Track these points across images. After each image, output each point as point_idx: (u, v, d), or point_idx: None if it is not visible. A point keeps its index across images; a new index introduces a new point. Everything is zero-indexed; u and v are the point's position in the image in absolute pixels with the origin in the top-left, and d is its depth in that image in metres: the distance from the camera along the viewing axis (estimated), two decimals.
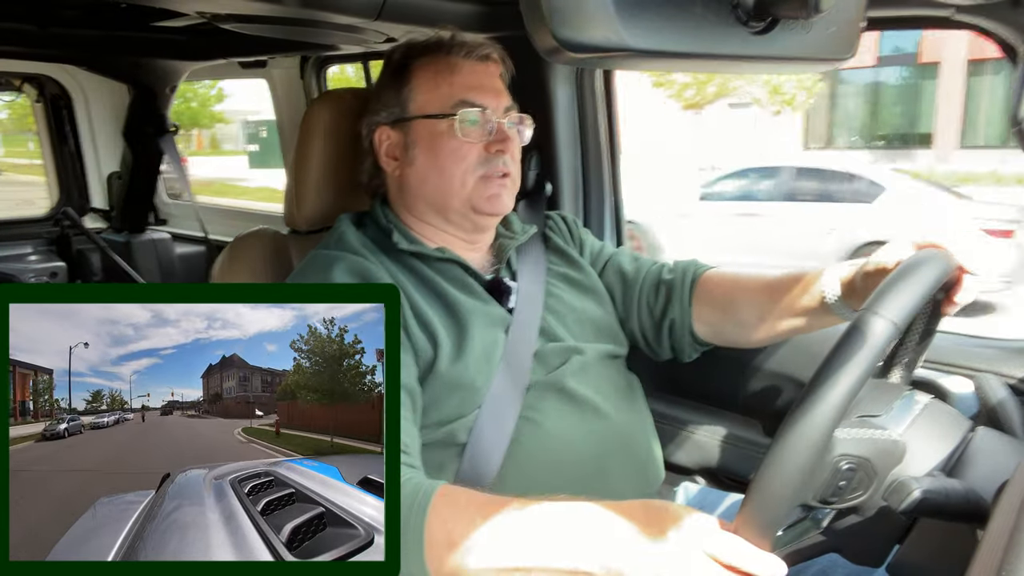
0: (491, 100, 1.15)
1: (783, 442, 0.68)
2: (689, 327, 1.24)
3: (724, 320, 1.22)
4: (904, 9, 1.24)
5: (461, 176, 1.14)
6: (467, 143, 1.14)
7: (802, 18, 0.58)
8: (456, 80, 1.15)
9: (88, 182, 3.10)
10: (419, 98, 1.17)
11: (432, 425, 1.06)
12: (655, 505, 0.80)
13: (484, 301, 1.14)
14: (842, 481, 0.74)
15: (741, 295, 1.20)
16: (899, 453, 0.76)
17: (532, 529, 0.81)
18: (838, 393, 0.68)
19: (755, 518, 0.70)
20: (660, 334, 1.27)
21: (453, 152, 1.14)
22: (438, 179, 1.15)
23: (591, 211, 1.77)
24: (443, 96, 1.15)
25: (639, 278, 1.29)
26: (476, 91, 1.15)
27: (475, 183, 1.15)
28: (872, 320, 0.71)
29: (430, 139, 1.15)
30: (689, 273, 1.26)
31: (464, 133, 1.13)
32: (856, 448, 0.74)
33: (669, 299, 1.25)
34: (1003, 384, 0.89)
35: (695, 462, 1.57)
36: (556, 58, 0.54)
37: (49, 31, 1.98)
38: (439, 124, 1.14)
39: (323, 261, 1.11)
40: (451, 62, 1.16)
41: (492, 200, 1.16)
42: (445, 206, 1.17)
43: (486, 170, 1.15)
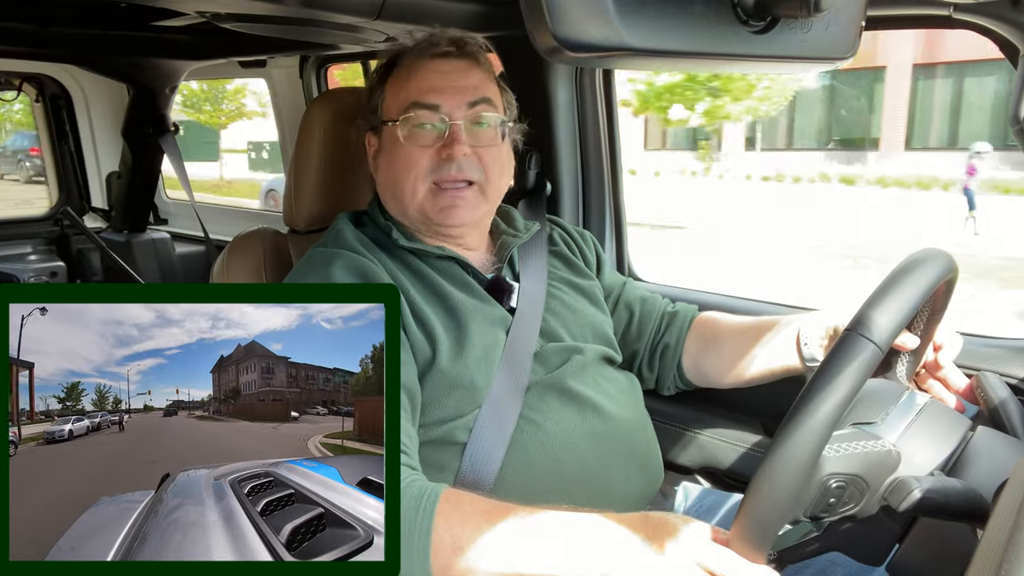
0: (447, 99, 1.09)
1: (771, 463, 0.69)
2: (679, 357, 1.30)
3: (705, 354, 1.28)
4: (903, 8, 1.24)
5: (412, 184, 1.10)
6: (417, 148, 1.10)
7: (802, 17, 0.58)
8: (412, 83, 1.12)
9: (88, 182, 3.10)
10: (385, 103, 1.16)
11: (432, 424, 1.05)
12: (654, 517, 0.82)
13: (484, 301, 1.14)
14: (832, 498, 0.74)
15: (727, 335, 1.24)
16: (892, 463, 0.75)
17: (535, 536, 0.82)
18: (823, 416, 0.68)
19: (747, 535, 0.71)
20: (653, 359, 1.32)
21: (404, 159, 1.11)
22: (394, 187, 1.14)
23: (591, 210, 1.77)
24: (400, 100, 1.12)
25: (656, 304, 1.35)
26: (432, 92, 1.10)
27: (426, 192, 1.10)
28: (856, 341, 0.71)
29: (390, 146, 1.14)
30: (691, 311, 1.33)
31: (411, 137, 1.10)
32: (845, 466, 0.74)
33: (669, 327, 1.32)
34: (1004, 383, 0.89)
35: (695, 462, 1.57)
36: (556, 57, 0.54)
37: (49, 30, 1.98)
38: (395, 130, 1.12)
39: (322, 259, 1.10)
40: (413, 63, 1.13)
41: (445, 212, 1.10)
42: (405, 214, 1.15)
43: (437, 176, 1.09)
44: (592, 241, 1.38)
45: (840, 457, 0.74)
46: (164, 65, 2.56)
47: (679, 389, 1.34)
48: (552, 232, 1.34)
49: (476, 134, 1.12)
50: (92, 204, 3.13)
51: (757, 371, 1.18)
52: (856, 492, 0.74)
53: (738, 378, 1.21)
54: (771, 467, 0.68)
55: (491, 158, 1.13)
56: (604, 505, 1.06)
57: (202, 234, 2.71)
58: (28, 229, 3.03)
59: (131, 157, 2.85)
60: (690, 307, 1.35)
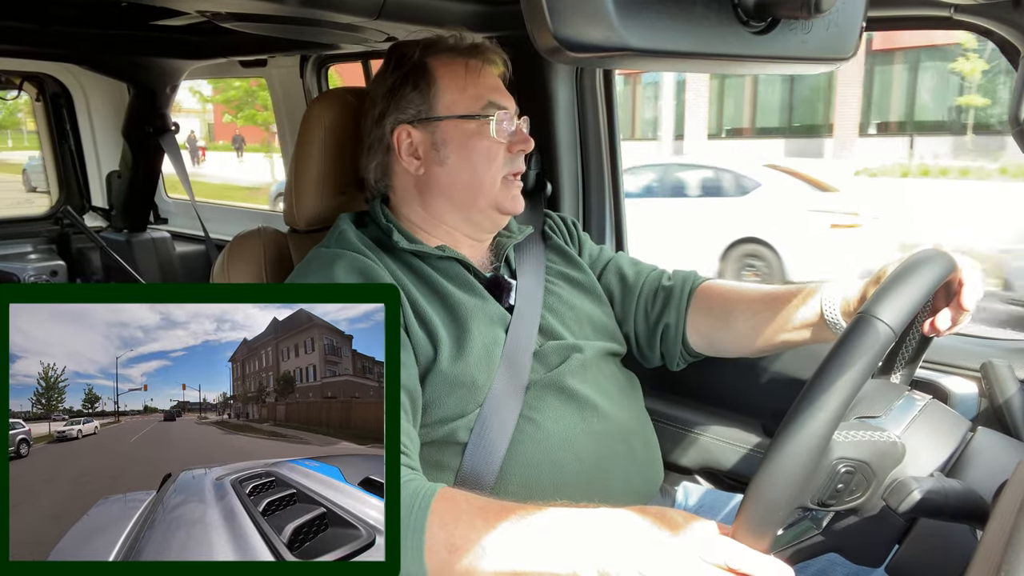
0: (509, 103, 1.19)
1: (781, 445, 0.68)
2: (683, 334, 1.26)
3: (718, 329, 1.23)
4: (904, 9, 1.24)
5: (492, 176, 1.17)
6: (497, 143, 1.17)
7: (802, 18, 0.58)
8: (481, 82, 1.18)
9: (88, 181, 3.10)
10: (446, 97, 1.17)
11: (433, 423, 1.06)
12: (652, 511, 0.81)
13: (484, 299, 1.15)
14: (840, 484, 0.74)
15: (738, 305, 1.20)
16: (898, 454, 0.75)
17: (531, 533, 0.81)
18: (836, 397, 0.67)
19: (753, 521, 0.70)
20: (653, 339, 1.29)
21: (486, 152, 1.17)
22: (470, 178, 1.17)
23: (591, 210, 1.77)
24: (471, 97, 1.17)
25: (639, 282, 1.30)
26: (498, 93, 1.19)
27: (501, 183, 1.18)
28: (870, 324, 0.71)
29: (462, 139, 1.16)
30: (689, 281, 1.28)
31: (497, 133, 1.16)
32: (855, 451, 0.74)
33: (666, 304, 1.27)
34: (1014, 377, 0.88)
35: (695, 462, 1.57)
36: (556, 58, 0.54)
37: (49, 29, 1.98)
38: (469, 124, 1.16)
39: (325, 259, 1.11)
40: (472, 64, 1.18)
41: (515, 200, 1.20)
42: (471, 205, 1.19)
43: (509, 169, 1.19)
44: (572, 222, 1.40)
45: (850, 443, 0.74)
46: (165, 64, 2.56)
47: (689, 362, 1.31)
48: (544, 226, 1.35)
49: None
50: (92, 203, 3.12)
51: (780, 341, 1.15)
52: (863, 480, 0.74)
53: (759, 351, 1.20)
54: (782, 447, 0.68)
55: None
56: (603, 503, 1.06)
57: (202, 233, 2.71)
58: (28, 228, 3.03)
59: (131, 156, 2.85)
60: (688, 277, 1.29)
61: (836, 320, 1.06)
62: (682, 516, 0.78)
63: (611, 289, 1.31)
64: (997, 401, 0.86)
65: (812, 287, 1.11)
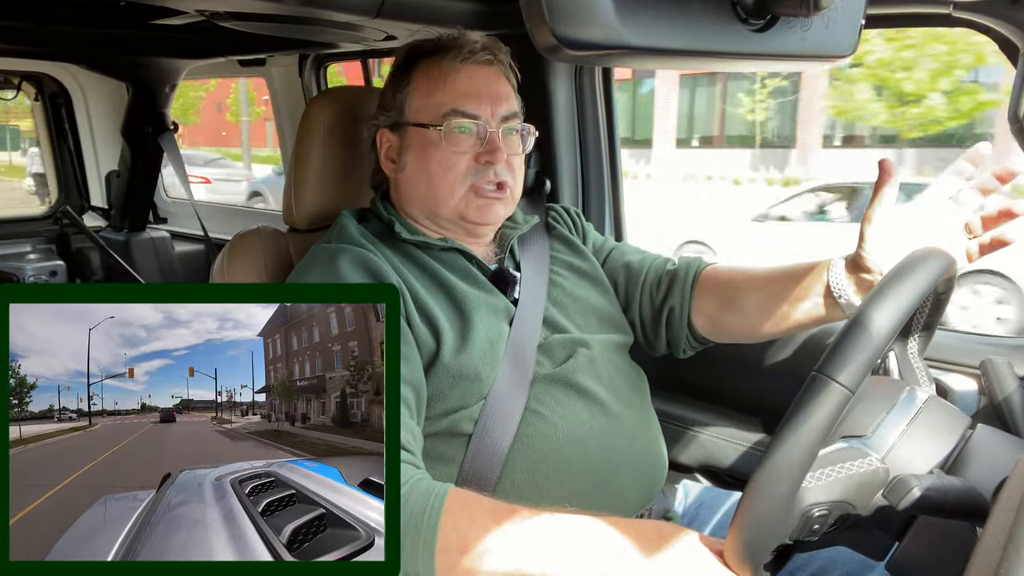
0: (485, 108, 1.13)
1: (751, 495, 0.69)
2: (688, 318, 1.23)
3: (725, 310, 1.20)
4: (903, 7, 1.24)
5: (449, 186, 1.13)
6: (456, 153, 1.12)
7: (801, 15, 0.58)
8: (450, 87, 1.13)
9: (87, 180, 3.09)
10: (414, 104, 1.16)
11: (437, 416, 1.05)
12: (656, 525, 0.83)
13: (488, 291, 1.14)
14: (815, 525, 0.73)
15: (744, 284, 1.18)
16: (879, 480, 0.74)
17: (539, 538, 0.82)
18: (797, 453, 0.67)
19: (737, 555, 0.72)
20: (658, 324, 1.26)
21: (441, 162, 1.12)
22: (427, 188, 1.15)
23: (591, 209, 1.77)
24: (435, 104, 1.13)
25: (643, 268, 1.29)
26: (470, 99, 1.12)
27: (464, 193, 1.13)
28: (823, 383, 0.69)
29: (421, 147, 1.14)
30: (693, 266, 1.26)
31: (453, 144, 1.12)
32: (827, 494, 0.73)
33: (671, 288, 1.25)
34: (1013, 374, 0.87)
35: (696, 460, 1.57)
36: (556, 56, 0.54)
37: (48, 29, 1.98)
38: (429, 133, 1.13)
39: (327, 254, 1.10)
40: (448, 67, 1.14)
41: (481, 210, 1.14)
42: (435, 213, 1.16)
43: (475, 180, 1.13)
44: (575, 212, 1.38)
45: (821, 487, 0.73)
46: (163, 64, 2.56)
47: (697, 349, 1.28)
48: (548, 217, 1.34)
49: (507, 141, 1.15)
50: (91, 203, 3.12)
51: (791, 321, 1.12)
52: (841, 515, 0.74)
53: (769, 333, 1.17)
54: (753, 495, 0.68)
55: (518, 164, 1.18)
56: (608, 500, 1.06)
57: (202, 233, 2.70)
58: (28, 228, 3.03)
59: (130, 156, 2.85)
60: (693, 262, 1.27)
61: (844, 295, 1.03)
62: (683, 532, 0.80)
63: (616, 276, 1.30)
64: (996, 398, 0.86)
65: (824, 262, 1.07)
